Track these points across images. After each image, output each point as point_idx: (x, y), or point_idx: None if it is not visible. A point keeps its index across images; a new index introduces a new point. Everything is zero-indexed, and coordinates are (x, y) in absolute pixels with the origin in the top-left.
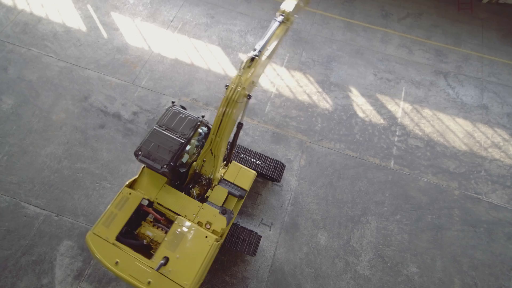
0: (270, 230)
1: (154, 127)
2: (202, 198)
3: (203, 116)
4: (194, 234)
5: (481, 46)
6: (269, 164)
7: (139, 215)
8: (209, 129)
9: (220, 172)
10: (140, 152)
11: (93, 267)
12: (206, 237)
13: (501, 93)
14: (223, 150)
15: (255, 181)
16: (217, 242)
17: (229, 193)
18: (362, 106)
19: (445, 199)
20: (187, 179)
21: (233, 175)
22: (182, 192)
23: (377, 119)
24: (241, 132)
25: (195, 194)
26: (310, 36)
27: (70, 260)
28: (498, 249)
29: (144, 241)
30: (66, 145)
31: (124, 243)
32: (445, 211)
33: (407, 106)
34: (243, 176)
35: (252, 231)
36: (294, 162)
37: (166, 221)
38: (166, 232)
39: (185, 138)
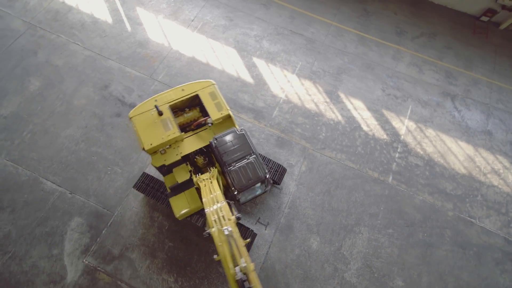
0: (265, 230)
1: (255, 156)
2: (188, 159)
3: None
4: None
5: (492, 72)
6: (271, 167)
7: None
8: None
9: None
10: (241, 130)
11: (99, 245)
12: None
13: (507, 120)
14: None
15: None
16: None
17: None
18: (367, 120)
19: (438, 218)
20: (212, 158)
21: (189, 195)
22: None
23: (380, 134)
24: (248, 133)
25: (196, 159)
26: (323, 47)
27: (79, 235)
28: (485, 272)
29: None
30: (84, 129)
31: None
32: (437, 230)
33: (411, 124)
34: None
35: (248, 228)
36: (295, 167)
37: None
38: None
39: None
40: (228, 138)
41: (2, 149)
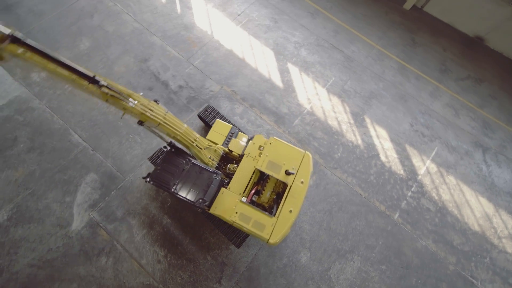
0: None
1: (173, 193)
2: (239, 159)
3: (164, 147)
4: (268, 152)
5: None
6: None
7: (255, 203)
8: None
9: (217, 146)
10: (205, 202)
11: (106, 203)
12: (270, 143)
13: None
14: (205, 140)
15: None
16: (273, 137)
17: (234, 138)
18: (387, 151)
19: (437, 269)
20: (224, 176)
21: (218, 137)
22: (232, 177)
23: (397, 168)
24: (264, 136)
25: (235, 166)
26: (360, 68)
27: (91, 190)
28: None
29: (274, 197)
30: None
31: (276, 210)
32: (433, 280)
33: (433, 167)
34: (219, 128)
35: None
36: None
37: (260, 184)
38: (268, 181)
39: (188, 162)
40: (205, 177)
41: (45, 96)
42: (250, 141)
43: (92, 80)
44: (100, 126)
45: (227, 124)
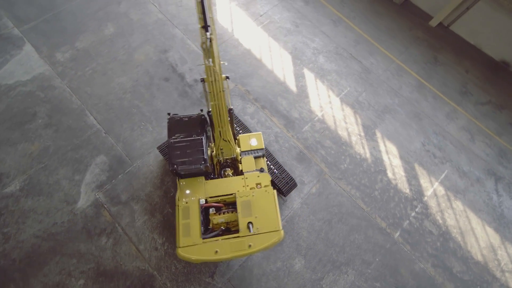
0: None
1: (170, 141)
2: (238, 174)
3: (201, 110)
4: (256, 195)
5: None
6: (283, 177)
7: (206, 213)
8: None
9: (235, 147)
10: (175, 166)
11: (112, 186)
12: (266, 191)
13: None
14: (230, 134)
15: None
16: (274, 190)
17: (254, 157)
18: (395, 168)
19: None
20: (215, 168)
21: (246, 144)
22: (219, 178)
23: (403, 186)
24: (272, 138)
25: (230, 174)
26: (377, 81)
27: (99, 171)
28: None
29: (222, 227)
30: (135, 82)
31: (210, 236)
32: None
33: (441, 190)
34: (254, 139)
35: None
36: (306, 186)
37: (225, 205)
38: (233, 212)
39: (201, 135)
40: (197, 156)
41: (67, 75)
42: (258, 172)
43: (205, 27)
44: (115, 110)
45: (263, 143)
